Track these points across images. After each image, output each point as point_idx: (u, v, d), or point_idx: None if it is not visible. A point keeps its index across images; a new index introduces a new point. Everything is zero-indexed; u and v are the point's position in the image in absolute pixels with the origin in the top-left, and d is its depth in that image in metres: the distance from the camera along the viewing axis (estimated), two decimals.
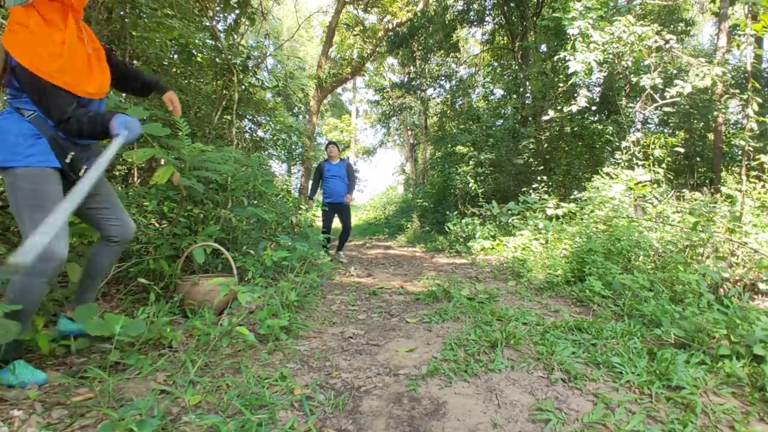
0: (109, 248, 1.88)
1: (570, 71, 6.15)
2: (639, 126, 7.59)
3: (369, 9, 12.76)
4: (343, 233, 5.83)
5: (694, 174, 8.68)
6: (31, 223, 1.51)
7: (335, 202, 5.66)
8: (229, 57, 4.89)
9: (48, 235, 1.16)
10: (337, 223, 5.84)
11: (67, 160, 1.65)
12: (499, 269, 4.82)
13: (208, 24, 5.05)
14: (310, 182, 6.43)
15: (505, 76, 10.57)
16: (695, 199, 4.83)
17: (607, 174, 5.60)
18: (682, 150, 6.40)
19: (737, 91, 6.25)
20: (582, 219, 5.12)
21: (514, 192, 8.36)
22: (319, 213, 5.87)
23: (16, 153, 1.54)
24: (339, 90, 24.58)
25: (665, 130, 8.84)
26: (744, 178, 4.72)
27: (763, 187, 4.83)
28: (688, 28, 9.99)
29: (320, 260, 4.08)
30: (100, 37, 3.95)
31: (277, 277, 3.50)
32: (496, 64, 12.86)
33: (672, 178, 7.08)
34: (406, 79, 13.60)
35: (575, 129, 8.59)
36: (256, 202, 3.87)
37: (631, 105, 6.84)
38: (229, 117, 5.38)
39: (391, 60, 17.68)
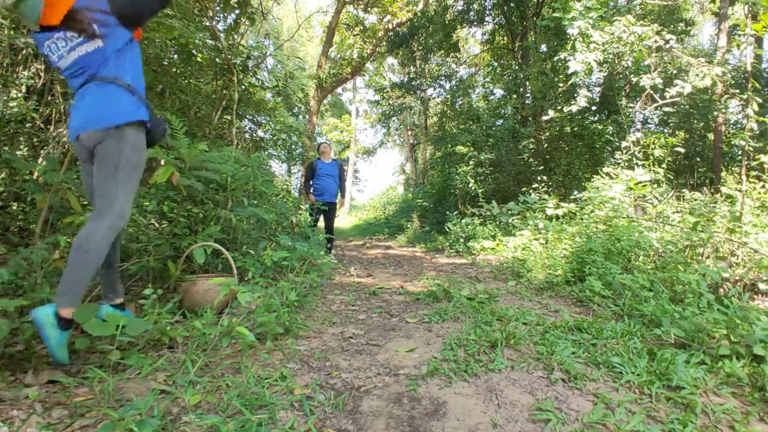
0: None
1: (570, 71, 6.15)
2: (639, 126, 7.59)
3: (369, 9, 12.76)
4: (329, 233, 5.78)
5: (694, 174, 8.68)
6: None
7: (328, 201, 5.62)
8: (229, 57, 4.89)
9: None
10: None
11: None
12: (499, 269, 4.82)
13: (208, 24, 5.05)
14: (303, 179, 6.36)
15: (505, 76, 10.57)
16: (695, 199, 4.83)
17: (607, 174, 5.60)
18: (682, 150, 6.40)
19: (737, 91, 6.25)
20: (582, 219, 5.12)
21: (514, 192, 8.35)
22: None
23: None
24: (339, 90, 24.58)
25: (665, 130, 8.84)
26: (744, 178, 4.72)
27: (763, 187, 4.83)
28: (688, 28, 9.99)
29: (320, 260, 4.08)
30: None
31: (277, 277, 3.50)
32: (496, 64, 12.87)
33: (672, 178, 7.08)
34: (406, 79, 13.61)
35: (575, 129, 8.59)
36: (256, 202, 3.87)
37: (631, 105, 6.83)
38: (229, 117, 5.38)
39: (391, 60, 17.69)
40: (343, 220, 20.88)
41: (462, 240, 7.13)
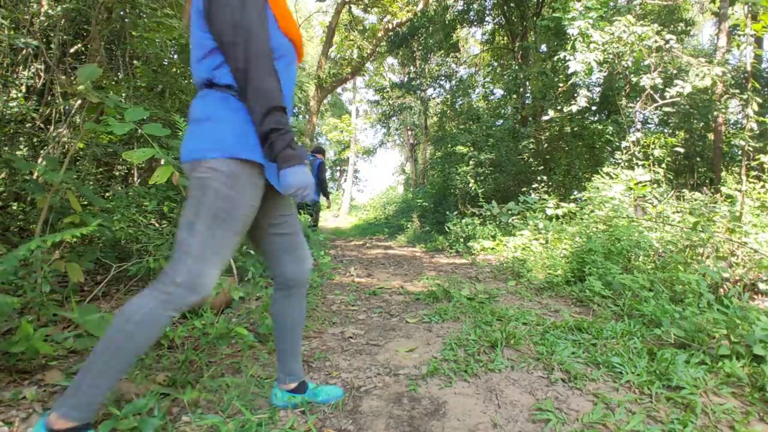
0: (287, 295, 1.44)
1: (570, 71, 6.15)
2: (639, 126, 7.58)
3: (369, 9, 12.76)
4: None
5: (694, 174, 8.68)
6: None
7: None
8: None
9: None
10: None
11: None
12: (499, 269, 4.82)
13: None
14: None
15: (505, 76, 10.57)
16: (695, 199, 4.82)
17: (607, 174, 5.60)
18: (682, 150, 6.40)
19: (737, 91, 6.25)
20: (582, 219, 5.12)
21: (514, 192, 8.35)
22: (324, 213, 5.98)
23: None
24: (339, 90, 24.58)
25: (665, 130, 8.84)
26: (744, 178, 4.72)
27: (763, 187, 4.83)
28: (688, 28, 9.99)
29: (321, 260, 4.08)
30: (101, 37, 3.94)
31: None
32: (496, 64, 12.88)
33: (672, 178, 7.08)
34: (406, 79, 13.61)
35: (575, 129, 8.59)
36: None
37: (631, 105, 6.83)
38: None
39: (391, 60, 17.70)
40: (343, 220, 20.87)
41: (462, 240, 7.13)
